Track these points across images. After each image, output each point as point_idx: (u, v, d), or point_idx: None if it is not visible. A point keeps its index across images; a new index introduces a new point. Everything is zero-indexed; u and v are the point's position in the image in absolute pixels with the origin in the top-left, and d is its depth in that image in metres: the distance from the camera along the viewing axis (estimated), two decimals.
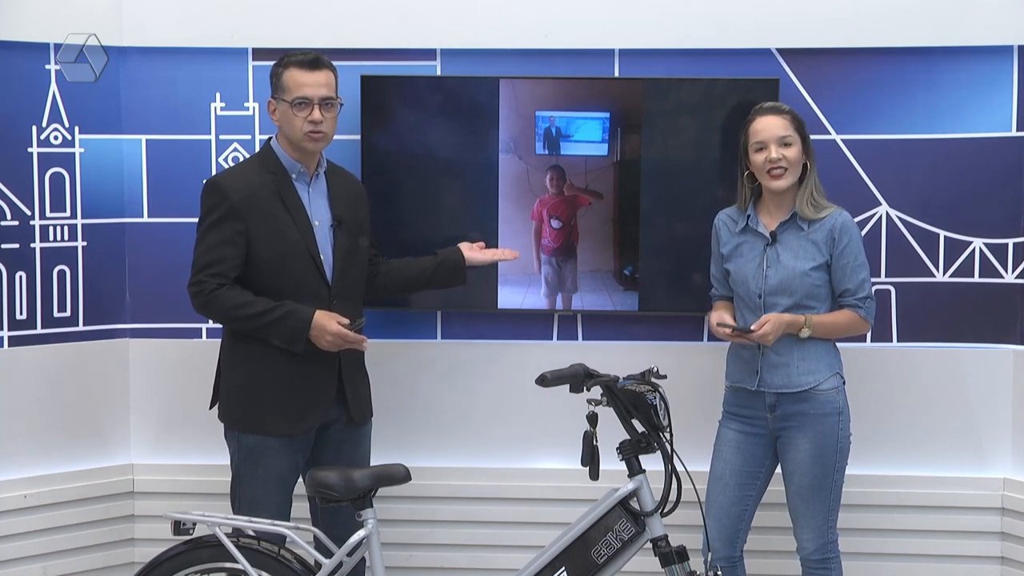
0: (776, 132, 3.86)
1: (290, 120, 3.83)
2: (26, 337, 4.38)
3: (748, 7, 4.41)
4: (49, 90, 4.38)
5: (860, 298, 3.88)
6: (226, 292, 3.75)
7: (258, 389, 3.82)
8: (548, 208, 4.47)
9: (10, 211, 4.34)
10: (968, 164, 4.39)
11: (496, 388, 4.53)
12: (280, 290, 3.79)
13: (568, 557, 3.48)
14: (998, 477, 4.45)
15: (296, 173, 3.87)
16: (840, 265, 3.87)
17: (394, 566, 4.32)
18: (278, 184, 3.83)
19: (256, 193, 3.80)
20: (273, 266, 3.79)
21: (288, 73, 3.83)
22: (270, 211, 3.80)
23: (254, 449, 3.82)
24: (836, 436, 3.88)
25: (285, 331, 3.75)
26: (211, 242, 3.78)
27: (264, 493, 3.81)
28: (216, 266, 3.76)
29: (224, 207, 3.77)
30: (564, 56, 4.45)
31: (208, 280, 3.75)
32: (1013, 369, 4.42)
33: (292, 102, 3.81)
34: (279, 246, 3.79)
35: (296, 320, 3.74)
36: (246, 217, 3.77)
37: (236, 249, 3.77)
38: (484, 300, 4.49)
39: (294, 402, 3.81)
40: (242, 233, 3.77)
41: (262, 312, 3.74)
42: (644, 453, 3.49)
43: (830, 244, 3.87)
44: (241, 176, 3.86)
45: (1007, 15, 4.34)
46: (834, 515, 3.92)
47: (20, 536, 4.36)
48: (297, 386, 3.81)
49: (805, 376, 3.87)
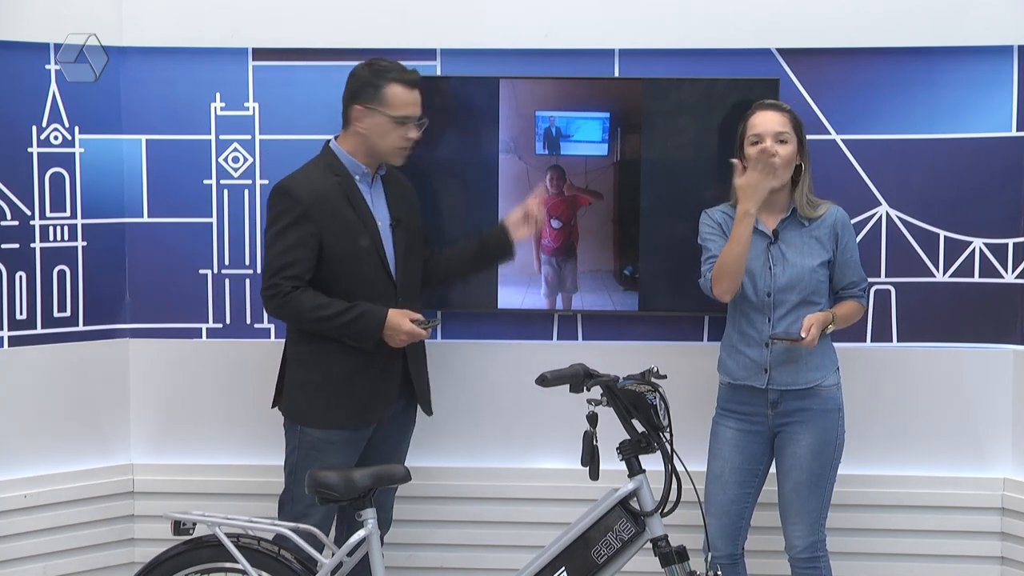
0: (773, 127, 3.89)
1: (386, 133, 3.89)
2: (26, 337, 4.38)
3: (748, 7, 4.41)
4: (49, 90, 4.38)
5: (863, 288, 4.02)
6: (301, 294, 3.81)
7: (324, 383, 3.89)
8: (548, 208, 4.46)
9: (10, 211, 4.34)
10: (968, 164, 4.40)
11: (496, 388, 4.53)
12: (351, 290, 3.85)
13: (568, 557, 3.48)
14: (998, 477, 4.45)
15: (360, 175, 3.93)
16: (844, 260, 3.95)
17: (394, 566, 4.32)
18: (344, 186, 3.89)
19: (326, 196, 3.85)
20: (344, 267, 3.86)
21: (392, 88, 3.88)
22: (340, 213, 3.86)
23: (316, 443, 3.87)
24: (836, 432, 3.91)
25: (360, 331, 3.81)
26: (284, 245, 3.82)
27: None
28: (290, 269, 3.81)
29: (296, 211, 3.81)
30: (564, 56, 4.45)
31: (283, 283, 3.80)
32: (1013, 369, 4.42)
33: (396, 118, 3.87)
34: (350, 247, 3.86)
35: (372, 320, 3.80)
36: (318, 220, 3.82)
37: (309, 252, 3.82)
38: (484, 300, 4.49)
39: (360, 396, 3.89)
40: (315, 235, 3.82)
41: (338, 313, 3.80)
42: (644, 453, 3.49)
43: (834, 240, 3.93)
44: (309, 180, 3.89)
45: (1007, 15, 4.34)
46: (825, 514, 3.93)
47: (20, 536, 4.36)
48: (364, 380, 3.88)
49: (813, 372, 3.89)
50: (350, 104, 3.91)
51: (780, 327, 3.89)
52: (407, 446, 4.14)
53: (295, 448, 3.91)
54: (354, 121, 3.91)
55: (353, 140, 3.93)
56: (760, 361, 3.92)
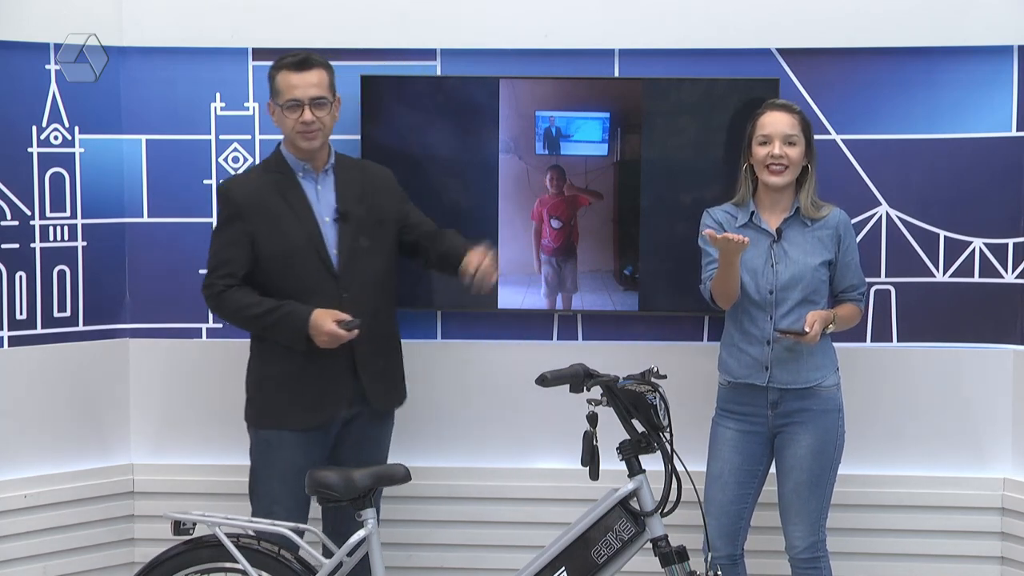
0: (783, 129, 3.89)
1: (283, 122, 3.90)
2: (26, 337, 4.38)
3: (748, 7, 4.41)
4: (49, 90, 4.38)
5: (862, 292, 4.03)
6: (233, 293, 3.82)
7: (275, 384, 3.89)
8: (548, 208, 4.47)
9: (10, 211, 4.34)
10: (968, 164, 4.39)
11: (496, 388, 4.53)
12: (288, 288, 3.83)
13: (568, 557, 3.48)
14: (998, 477, 4.45)
15: (302, 171, 3.91)
16: (845, 262, 3.96)
17: (394, 566, 4.32)
18: (282, 183, 3.88)
19: (259, 193, 3.86)
20: (279, 264, 3.84)
21: (280, 76, 3.89)
22: (273, 210, 3.85)
23: (271, 442, 3.87)
24: (836, 433, 3.92)
25: (286, 331, 3.79)
26: (219, 245, 3.87)
27: (281, 486, 3.84)
28: (224, 267, 3.84)
29: (229, 210, 3.86)
30: (564, 56, 4.45)
31: (217, 282, 3.84)
32: (1013, 369, 4.42)
33: (284, 105, 3.86)
34: (283, 244, 3.84)
35: (296, 320, 3.77)
36: (250, 218, 3.83)
37: (242, 250, 3.83)
38: (484, 300, 4.48)
39: (308, 395, 3.86)
40: (247, 234, 3.83)
41: (264, 313, 3.80)
42: (644, 453, 3.49)
43: (836, 241, 3.94)
44: (246, 179, 3.96)
45: (1007, 15, 4.34)
46: (825, 514, 3.94)
47: (20, 536, 4.36)
48: (311, 380, 3.85)
49: (813, 372, 3.90)
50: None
51: (781, 325, 3.89)
52: (386, 445, 4.08)
53: (253, 449, 3.93)
54: (273, 119, 3.95)
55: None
56: (761, 359, 3.92)
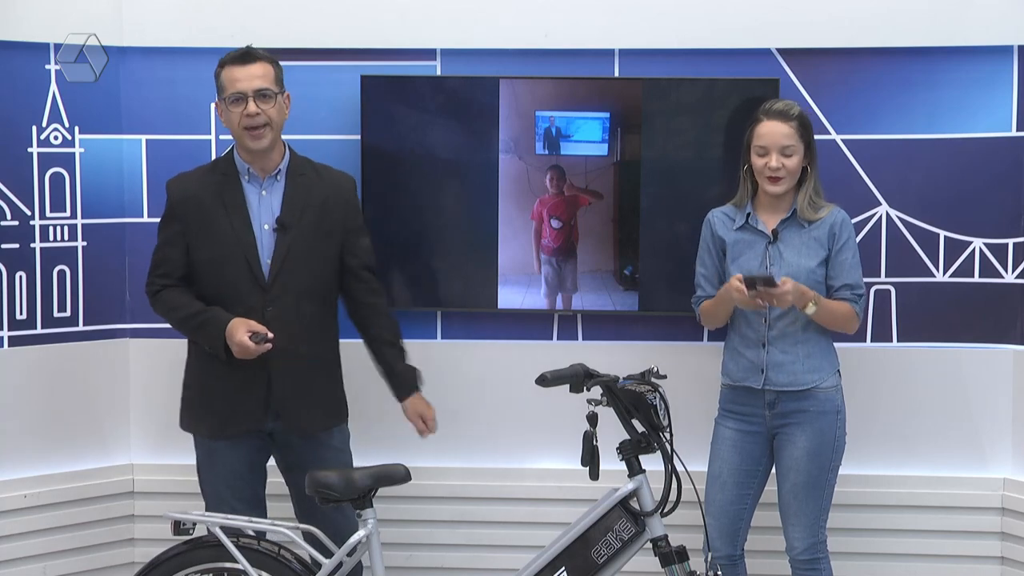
0: (779, 141, 3.86)
1: (228, 118, 3.77)
2: (26, 337, 4.38)
3: (748, 7, 4.41)
4: (49, 90, 4.38)
5: (858, 294, 3.93)
6: (166, 294, 3.80)
7: (194, 391, 3.88)
8: (548, 208, 4.47)
9: (10, 211, 4.34)
10: (968, 164, 4.39)
11: (496, 388, 4.53)
12: (216, 293, 3.77)
13: (568, 557, 3.48)
14: (998, 477, 4.45)
15: (246, 175, 3.81)
16: (840, 260, 3.90)
17: (394, 566, 4.32)
18: (223, 186, 3.79)
19: (197, 195, 3.78)
20: (208, 269, 3.78)
21: (224, 72, 3.76)
22: (207, 214, 3.77)
23: (205, 449, 3.87)
24: (834, 434, 3.90)
25: (207, 337, 3.75)
26: (158, 243, 3.85)
27: (225, 489, 3.84)
28: (161, 267, 3.83)
29: (167, 209, 3.82)
30: (564, 56, 4.45)
31: (155, 281, 3.83)
32: (1013, 369, 4.42)
33: (227, 99, 3.74)
34: (213, 249, 3.77)
35: (214, 327, 3.72)
36: (184, 218, 3.78)
37: (177, 251, 3.79)
38: (484, 300, 4.49)
39: (219, 407, 3.81)
40: (181, 234, 3.78)
41: (188, 317, 3.77)
42: (644, 453, 3.49)
43: (831, 239, 3.90)
44: (187, 179, 3.86)
45: (1007, 15, 4.34)
46: (825, 515, 3.92)
47: (20, 536, 4.36)
48: (222, 392, 3.80)
49: (810, 374, 3.88)
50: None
51: (776, 327, 3.89)
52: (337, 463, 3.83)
53: (196, 453, 3.92)
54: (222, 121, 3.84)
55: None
56: (757, 362, 3.92)
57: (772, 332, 3.90)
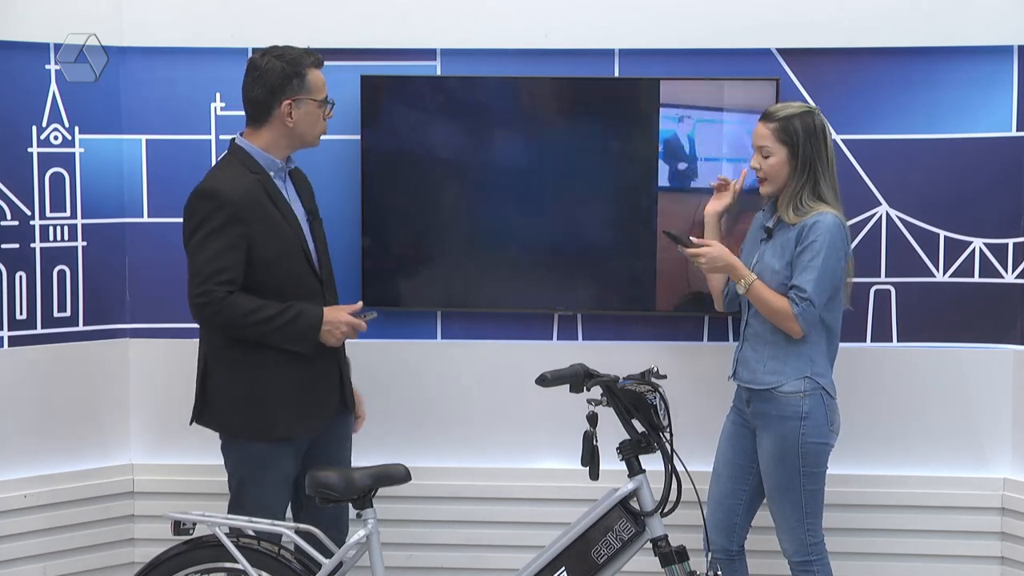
0: (757, 141, 3.88)
1: (316, 120, 3.82)
2: (26, 337, 4.38)
3: (748, 7, 4.41)
4: (49, 90, 4.38)
5: (800, 296, 3.74)
6: (237, 299, 3.67)
7: (263, 395, 3.76)
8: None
9: (10, 211, 4.34)
10: (968, 164, 4.39)
11: (496, 388, 4.53)
12: (281, 289, 3.74)
13: (568, 557, 3.48)
14: (998, 477, 4.45)
15: (275, 171, 3.83)
16: (797, 261, 3.78)
17: (394, 566, 4.32)
18: (264, 184, 3.78)
19: (253, 195, 3.74)
20: (273, 266, 3.75)
21: (312, 73, 3.79)
22: (266, 211, 3.75)
23: (263, 456, 3.76)
24: (796, 440, 3.77)
25: (297, 332, 3.71)
26: (214, 250, 3.66)
27: (274, 498, 3.78)
28: (223, 274, 3.66)
29: (225, 213, 3.67)
30: (564, 56, 4.45)
31: (216, 289, 3.65)
32: (1013, 369, 4.42)
33: (319, 100, 3.80)
34: (278, 245, 3.76)
35: (309, 319, 3.72)
36: (248, 221, 3.70)
37: (240, 255, 3.69)
38: (484, 300, 4.49)
39: (305, 403, 3.79)
40: (245, 237, 3.69)
41: (276, 315, 3.68)
42: (644, 453, 3.50)
43: (796, 240, 3.80)
44: (231, 180, 3.75)
45: (1007, 15, 4.34)
46: (811, 519, 3.84)
47: (20, 536, 4.36)
48: (306, 387, 3.79)
49: (770, 376, 3.83)
50: (275, 100, 3.76)
51: (752, 325, 3.89)
52: (349, 447, 4.00)
53: (240, 462, 3.80)
54: (283, 116, 3.77)
55: (270, 135, 3.80)
56: (734, 355, 3.94)
57: (748, 329, 3.91)
